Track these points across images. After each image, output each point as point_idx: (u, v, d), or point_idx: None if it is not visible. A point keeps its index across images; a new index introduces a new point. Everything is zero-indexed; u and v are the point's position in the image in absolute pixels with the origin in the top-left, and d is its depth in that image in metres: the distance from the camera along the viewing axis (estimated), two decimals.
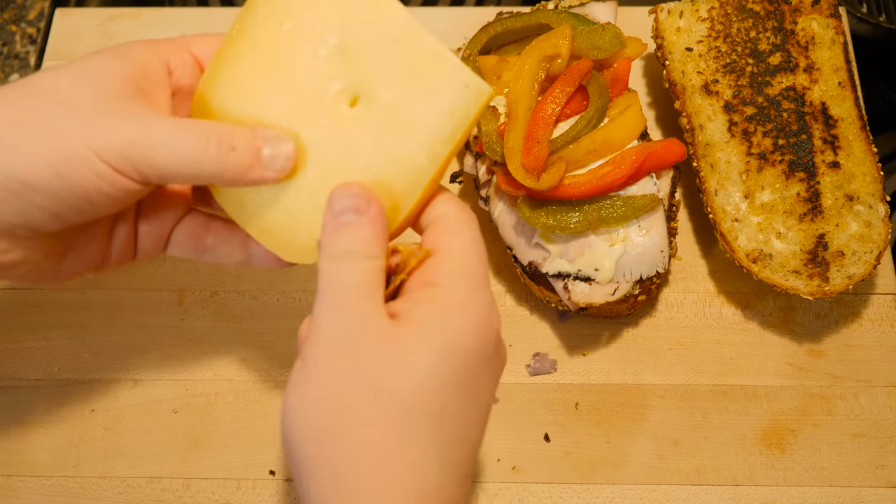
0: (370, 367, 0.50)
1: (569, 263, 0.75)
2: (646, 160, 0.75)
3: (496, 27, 0.84)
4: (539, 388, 0.79)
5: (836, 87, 0.83)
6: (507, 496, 0.75)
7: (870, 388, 0.79)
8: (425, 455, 0.50)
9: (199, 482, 0.76)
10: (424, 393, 0.50)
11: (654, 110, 0.93)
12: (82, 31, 0.97)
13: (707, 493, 0.75)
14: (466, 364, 0.52)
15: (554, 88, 0.77)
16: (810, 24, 0.86)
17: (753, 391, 0.79)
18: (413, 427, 0.49)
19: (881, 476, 0.76)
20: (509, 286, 0.84)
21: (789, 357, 0.81)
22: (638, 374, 0.80)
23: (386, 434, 0.49)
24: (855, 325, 0.82)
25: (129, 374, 0.80)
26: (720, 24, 0.86)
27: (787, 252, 0.78)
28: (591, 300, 0.75)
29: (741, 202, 0.79)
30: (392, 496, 0.48)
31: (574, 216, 0.74)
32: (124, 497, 0.75)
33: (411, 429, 0.49)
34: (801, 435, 0.77)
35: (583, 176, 0.75)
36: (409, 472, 0.49)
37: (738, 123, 0.82)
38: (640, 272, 0.75)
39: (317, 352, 0.51)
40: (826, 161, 0.80)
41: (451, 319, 0.52)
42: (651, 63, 0.96)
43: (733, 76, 0.84)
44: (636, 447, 0.77)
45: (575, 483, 0.76)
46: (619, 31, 0.79)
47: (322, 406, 0.50)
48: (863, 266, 0.77)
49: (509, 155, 0.75)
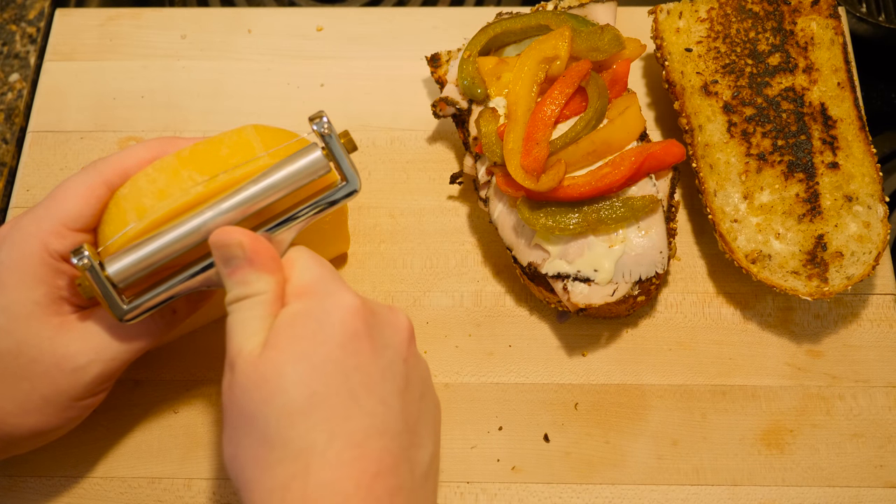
0: (253, 410, 0.56)
1: (568, 264, 0.75)
2: (645, 161, 0.75)
3: (496, 28, 0.84)
4: (538, 389, 0.80)
5: (835, 88, 0.83)
6: (506, 496, 0.76)
7: (868, 388, 0.80)
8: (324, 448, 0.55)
9: (200, 482, 0.76)
10: (292, 393, 0.55)
11: (654, 111, 0.93)
12: (82, 31, 0.97)
13: (706, 493, 0.76)
14: (329, 354, 0.57)
15: (553, 90, 0.77)
16: (809, 24, 0.86)
17: (752, 391, 0.79)
18: (298, 423, 0.55)
19: (880, 476, 0.76)
20: (509, 287, 0.84)
21: (788, 357, 0.81)
22: (637, 375, 0.80)
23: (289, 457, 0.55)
24: (854, 325, 0.82)
25: (130, 375, 0.80)
26: (719, 25, 0.86)
27: (786, 253, 0.78)
28: (591, 301, 0.75)
29: (740, 203, 0.80)
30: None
31: (573, 217, 0.74)
32: (125, 497, 0.75)
33: (297, 426, 0.55)
34: (799, 435, 0.78)
35: (582, 177, 0.75)
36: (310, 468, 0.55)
37: (738, 124, 0.82)
38: (639, 273, 0.75)
39: (223, 397, 0.59)
40: (825, 162, 0.80)
41: (297, 327, 0.57)
42: (650, 64, 0.96)
43: (732, 77, 0.84)
44: (635, 447, 0.77)
45: (574, 483, 0.76)
46: (618, 33, 0.79)
47: (237, 460, 0.57)
48: (862, 267, 0.77)
49: (509, 156, 0.75)
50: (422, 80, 0.95)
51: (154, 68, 0.95)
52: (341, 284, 0.60)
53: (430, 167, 0.90)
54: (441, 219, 0.87)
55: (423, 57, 0.94)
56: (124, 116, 0.92)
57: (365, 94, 0.94)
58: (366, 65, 0.95)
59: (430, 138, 0.91)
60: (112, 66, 0.95)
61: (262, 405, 0.56)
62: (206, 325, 0.82)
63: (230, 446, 0.58)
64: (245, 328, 0.58)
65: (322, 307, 0.58)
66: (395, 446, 0.57)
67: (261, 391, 0.56)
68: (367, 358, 0.58)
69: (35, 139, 0.91)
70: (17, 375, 0.63)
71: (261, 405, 0.56)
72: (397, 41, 0.97)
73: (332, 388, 0.56)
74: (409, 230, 0.87)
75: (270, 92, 0.94)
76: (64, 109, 0.93)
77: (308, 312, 0.58)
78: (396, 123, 0.92)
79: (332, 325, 0.57)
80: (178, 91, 0.94)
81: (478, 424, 0.78)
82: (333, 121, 0.92)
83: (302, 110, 0.91)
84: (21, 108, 0.95)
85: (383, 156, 0.90)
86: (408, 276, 0.84)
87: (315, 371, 0.56)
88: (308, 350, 0.57)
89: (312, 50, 0.96)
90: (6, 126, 0.94)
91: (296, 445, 0.55)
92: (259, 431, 0.56)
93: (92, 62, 0.96)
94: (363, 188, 0.88)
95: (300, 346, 0.57)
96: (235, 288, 0.60)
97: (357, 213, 0.87)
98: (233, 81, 0.94)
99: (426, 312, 0.83)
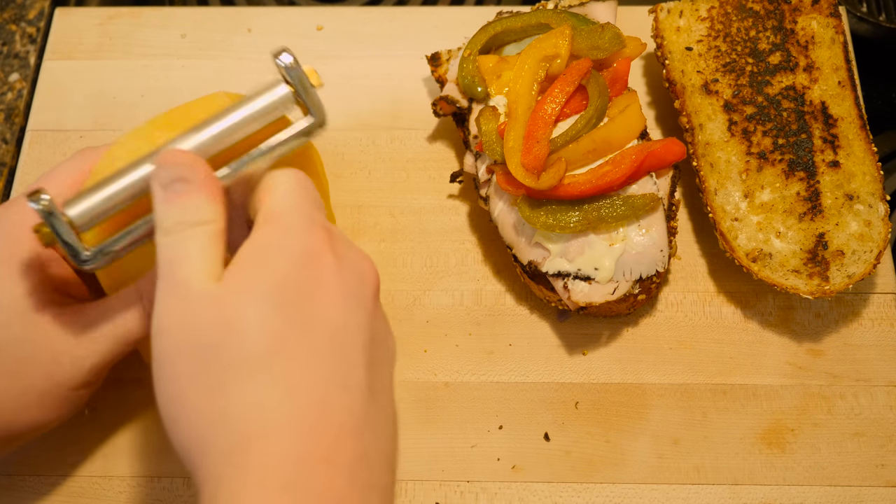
0: (207, 342, 0.51)
1: (568, 263, 0.75)
2: (645, 159, 0.75)
3: (496, 27, 0.84)
4: (539, 388, 0.79)
5: (835, 87, 0.83)
6: (507, 495, 0.75)
7: (869, 387, 0.79)
8: (279, 397, 0.50)
9: None
10: (252, 339, 0.51)
11: (654, 110, 0.93)
12: (82, 30, 0.97)
13: (707, 493, 0.75)
14: (292, 298, 0.52)
15: (553, 88, 0.77)
16: (810, 23, 0.86)
17: (753, 390, 0.79)
18: (258, 375, 0.50)
19: (881, 475, 0.76)
20: (509, 285, 0.84)
21: (789, 356, 0.81)
22: (638, 374, 0.80)
23: (237, 394, 0.50)
24: (855, 324, 0.82)
25: (130, 374, 0.79)
26: (720, 24, 0.86)
27: (787, 251, 0.78)
28: (591, 299, 0.75)
29: (741, 201, 0.79)
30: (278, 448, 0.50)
31: (574, 215, 0.74)
32: (124, 496, 0.75)
33: (256, 378, 0.50)
34: (800, 434, 0.77)
35: (582, 175, 0.75)
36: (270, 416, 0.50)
37: (738, 123, 0.82)
38: (639, 271, 0.75)
39: (161, 339, 0.53)
40: (826, 160, 0.80)
41: (261, 263, 0.53)
42: (651, 62, 0.96)
43: (733, 75, 0.84)
44: (636, 446, 0.77)
45: (575, 482, 0.76)
46: (618, 31, 0.79)
47: (181, 406, 0.52)
48: (862, 265, 0.77)
49: (509, 154, 0.75)
50: (422, 79, 0.94)
51: (154, 67, 0.95)
52: (316, 219, 0.56)
53: (431, 166, 0.90)
54: (441, 217, 0.87)
55: (424, 56, 0.94)
56: (124, 115, 0.92)
57: (365, 94, 0.94)
58: (366, 64, 0.95)
59: (430, 137, 0.91)
60: (112, 65, 0.95)
61: (218, 348, 0.50)
62: None
63: (172, 385, 0.52)
64: (193, 259, 0.53)
65: (291, 243, 0.53)
66: (358, 406, 0.52)
67: (219, 332, 0.51)
68: (333, 305, 0.53)
69: (34, 138, 0.91)
70: (12, 371, 0.62)
71: (217, 348, 0.50)
72: (397, 40, 0.97)
73: (293, 336, 0.51)
74: (409, 229, 0.86)
75: None
76: (64, 108, 0.93)
77: (275, 246, 0.53)
78: (396, 122, 0.92)
79: (298, 266, 0.53)
80: (178, 90, 0.94)
81: (478, 423, 0.78)
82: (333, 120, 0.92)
83: None
84: (21, 107, 0.95)
85: (383, 155, 0.90)
86: (408, 274, 0.84)
87: (277, 315, 0.51)
88: (271, 291, 0.52)
89: (312, 49, 0.96)
90: (6, 126, 0.94)
91: (255, 398, 0.50)
92: (214, 377, 0.50)
93: (92, 61, 0.96)
94: (364, 186, 0.88)
95: (263, 284, 0.52)
96: (178, 214, 0.54)
97: (357, 212, 0.87)
98: (233, 81, 0.94)
99: (426, 311, 0.83)
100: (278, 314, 0.51)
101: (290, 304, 0.52)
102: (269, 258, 0.53)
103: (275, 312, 0.51)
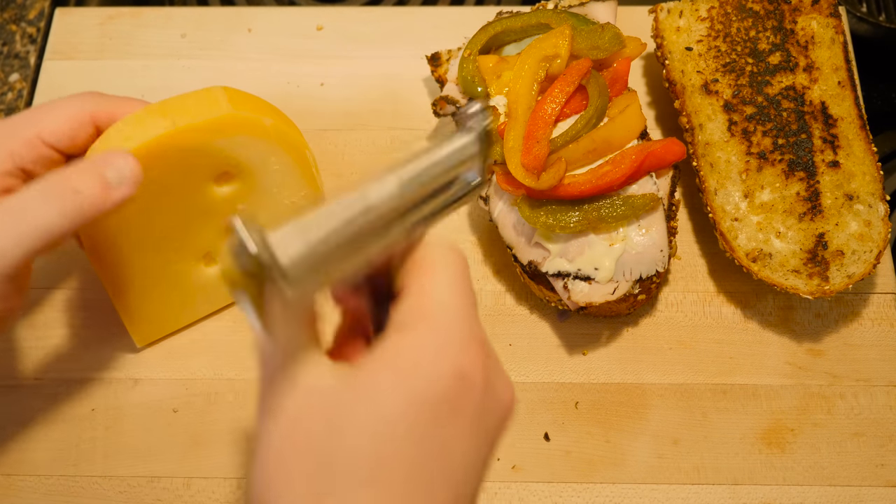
0: (320, 447, 0.45)
1: (568, 263, 0.75)
2: (645, 159, 0.75)
3: (496, 27, 0.84)
4: (539, 388, 0.79)
5: (835, 87, 0.83)
6: (506, 495, 0.75)
7: (869, 387, 0.79)
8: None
9: (200, 481, 0.76)
10: (364, 457, 0.44)
11: (654, 110, 0.93)
12: (82, 30, 0.97)
13: (707, 492, 0.75)
14: (420, 419, 0.44)
15: (553, 88, 0.77)
16: (810, 23, 0.86)
17: (753, 390, 0.79)
18: (361, 492, 0.44)
19: (881, 475, 0.76)
20: (509, 286, 0.84)
21: (789, 356, 0.81)
22: (638, 374, 0.80)
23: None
24: (855, 324, 0.82)
25: (129, 374, 0.80)
26: (720, 24, 0.86)
27: (787, 251, 0.78)
28: (591, 299, 0.75)
29: (741, 201, 0.79)
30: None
31: (574, 215, 0.74)
32: (124, 496, 0.75)
33: (359, 495, 0.44)
34: (800, 434, 0.77)
35: (582, 175, 0.75)
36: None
37: (738, 123, 0.82)
38: (639, 271, 0.75)
39: (271, 422, 0.46)
40: (826, 160, 0.80)
41: (405, 369, 0.45)
42: (651, 62, 0.96)
43: (733, 75, 0.84)
44: (636, 446, 0.77)
45: (575, 482, 0.76)
46: (618, 31, 0.79)
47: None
48: (862, 265, 0.77)
49: (509, 154, 0.75)
50: (422, 79, 0.94)
51: (154, 67, 0.95)
52: (475, 329, 0.48)
53: None
54: None
55: (424, 56, 0.94)
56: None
57: (365, 93, 0.94)
58: (366, 64, 0.95)
59: (430, 137, 0.91)
60: (112, 65, 0.95)
61: (331, 455, 0.44)
62: (204, 323, 0.82)
63: (276, 472, 0.45)
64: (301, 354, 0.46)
65: (444, 363, 0.45)
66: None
67: (333, 438, 0.44)
68: (462, 441, 0.46)
69: None
70: None
71: (330, 455, 0.44)
72: (397, 40, 0.97)
73: (409, 463, 0.44)
74: None
75: (270, 91, 0.93)
76: None
77: (426, 362, 0.45)
78: (396, 122, 0.92)
79: (443, 390, 0.45)
80: (178, 90, 0.92)
81: None
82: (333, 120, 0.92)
83: (302, 109, 0.91)
84: (21, 107, 0.95)
85: (383, 154, 0.90)
86: None
87: (401, 439, 0.44)
88: (403, 411, 0.44)
89: (312, 49, 0.96)
90: None
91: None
92: (320, 484, 0.44)
93: (92, 61, 0.96)
94: None
95: (399, 402, 0.44)
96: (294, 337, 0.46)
97: None
98: (233, 80, 0.93)
99: None
100: (403, 439, 0.44)
101: (418, 428, 0.45)
102: (415, 374, 0.45)
103: (399, 437, 0.44)
